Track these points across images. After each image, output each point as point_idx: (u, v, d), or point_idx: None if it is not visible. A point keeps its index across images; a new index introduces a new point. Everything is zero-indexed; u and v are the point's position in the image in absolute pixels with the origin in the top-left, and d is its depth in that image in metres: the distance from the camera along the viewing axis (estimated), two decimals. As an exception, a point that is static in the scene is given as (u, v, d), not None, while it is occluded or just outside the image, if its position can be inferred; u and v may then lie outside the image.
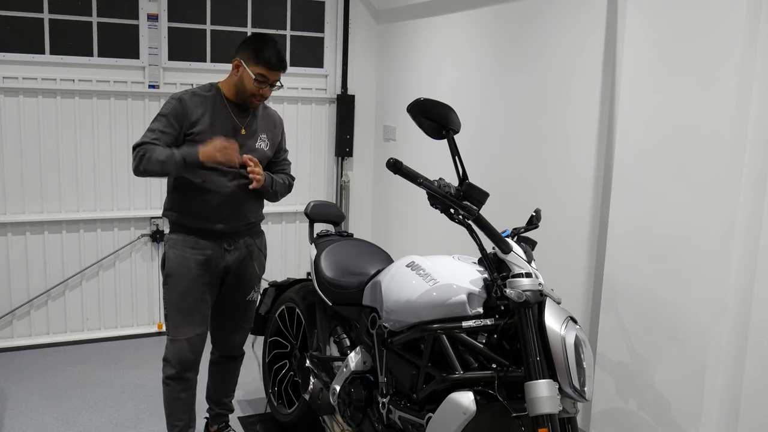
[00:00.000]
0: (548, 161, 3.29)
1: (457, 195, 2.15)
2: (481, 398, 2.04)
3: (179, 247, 2.81)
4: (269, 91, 2.83)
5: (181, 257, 2.80)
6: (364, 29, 4.95)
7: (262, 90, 2.79)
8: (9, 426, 3.37)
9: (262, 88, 2.78)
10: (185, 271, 2.80)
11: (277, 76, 2.80)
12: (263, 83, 2.77)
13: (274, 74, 2.78)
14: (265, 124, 2.94)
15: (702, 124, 2.38)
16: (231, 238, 2.88)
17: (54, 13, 4.17)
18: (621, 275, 2.72)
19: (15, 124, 4.17)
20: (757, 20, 2.24)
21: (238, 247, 2.91)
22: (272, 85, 2.81)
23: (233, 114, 2.83)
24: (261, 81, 2.76)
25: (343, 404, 2.68)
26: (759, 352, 2.32)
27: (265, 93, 2.81)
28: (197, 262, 2.81)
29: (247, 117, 2.88)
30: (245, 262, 2.96)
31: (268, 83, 2.78)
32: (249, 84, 2.77)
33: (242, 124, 2.85)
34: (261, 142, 2.90)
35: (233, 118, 2.83)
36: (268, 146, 2.94)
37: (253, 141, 2.87)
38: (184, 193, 2.80)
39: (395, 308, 2.36)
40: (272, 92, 2.86)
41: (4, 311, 4.29)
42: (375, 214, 5.14)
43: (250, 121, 2.88)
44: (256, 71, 2.75)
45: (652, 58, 2.55)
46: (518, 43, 3.48)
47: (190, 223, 2.81)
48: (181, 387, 2.88)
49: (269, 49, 2.75)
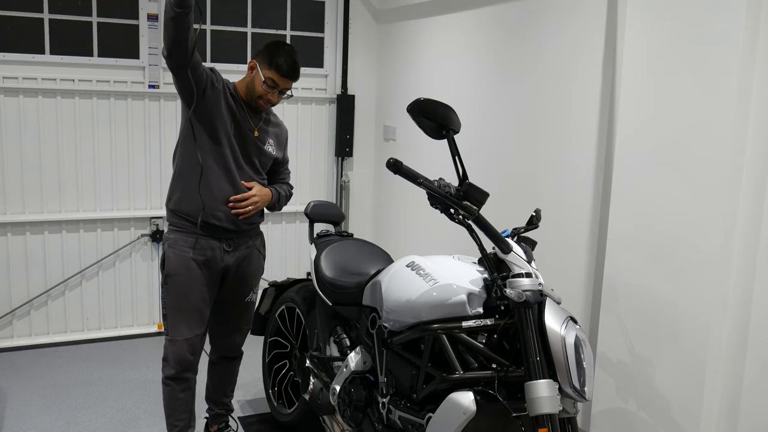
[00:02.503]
0: (548, 161, 3.29)
1: (457, 195, 2.15)
2: (481, 398, 2.04)
3: (179, 247, 2.81)
4: (277, 98, 2.84)
5: (181, 257, 2.80)
6: (364, 29, 4.96)
7: (270, 94, 2.80)
8: (9, 426, 3.37)
9: (271, 92, 2.80)
10: (185, 272, 2.80)
11: (288, 84, 2.82)
12: (272, 88, 2.79)
13: (284, 81, 2.80)
14: (273, 134, 2.98)
15: (702, 124, 2.38)
16: (231, 239, 2.88)
17: (54, 13, 4.17)
18: (621, 275, 2.72)
19: (15, 124, 4.17)
20: (757, 20, 2.24)
21: (237, 247, 2.92)
22: (282, 92, 2.84)
23: (248, 114, 2.86)
24: (270, 86, 2.78)
25: (343, 404, 2.68)
26: (759, 352, 2.32)
27: (273, 98, 2.83)
28: (197, 262, 2.81)
29: (260, 121, 2.92)
30: (245, 263, 2.97)
31: (277, 89, 2.80)
32: (259, 86, 2.79)
33: (255, 126, 2.88)
34: (269, 146, 2.95)
35: (246, 116, 2.86)
36: (274, 152, 2.98)
37: (262, 143, 2.91)
38: (190, 178, 2.77)
39: (395, 308, 2.36)
40: (281, 100, 2.88)
41: (4, 311, 4.29)
42: (375, 214, 5.14)
43: (263, 127, 2.92)
44: (267, 75, 2.77)
45: (652, 58, 2.56)
46: (518, 43, 3.48)
47: (191, 210, 2.78)
48: (180, 387, 2.89)
49: (284, 57, 2.78)
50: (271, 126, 2.98)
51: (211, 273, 2.86)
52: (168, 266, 2.82)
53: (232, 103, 2.81)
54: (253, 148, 2.87)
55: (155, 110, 4.47)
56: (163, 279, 2.86)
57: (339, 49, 4.91)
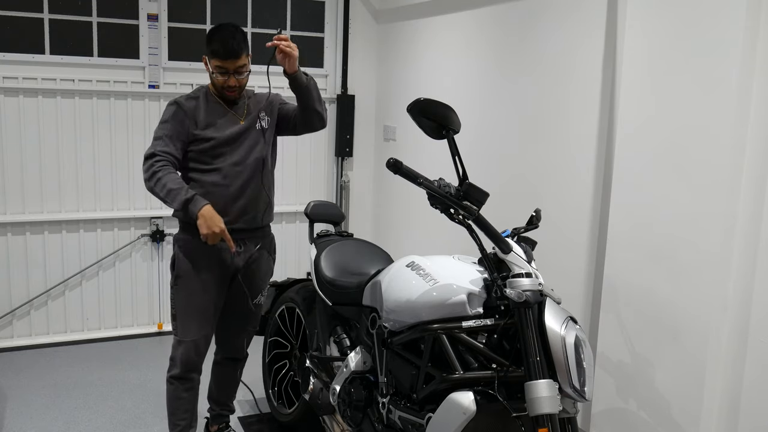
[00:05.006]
0: (548, 161, 3.29)
1: (457, 195, 2.15)
2: (481, 398, 2.04)
3: (189, 248, 2.81)
4: (236, 81, 2.75)
5: (192, 259, 2.81)
6: (364, 29, 4.96)
7: (229, 84, 2.74)
8: (9, 426, 3.37)
9: (228, 81, 2.73)
10: (195, 273, 2.81)
11: (234, 64, 2.71)
12: (224, 74, 2.72)
13: (229, 63, 2.70)
14: (258, 104, 2.91)
15: (702, 124, 2.38)
16: (241, 241, 2.88)
17: (54, 13, 4.17)
18: (621, 275, 2.72)
19: (15, 124, 4.17)
20: (757, 20, 2.24)
21: (248, 250, 2.91)
22: (237, 73, 2.74)
23: (227, 107, 2.83)
24: (221, 73, 2.72)
25: (343, 404, 2.68)
26: (759, 352, 2.32)
27: (232, 83, 2.74)
28: (207, 263, 2.82)
29: (243, 109, 2.86)
30: (254, 265, 2.96)
31: (228, 73, 2.72)
32: (215, 79, 2.75)
33: (240, 117, 2.84)
34: (261, 121, 2.88)
35: (229, 111, 2.83)
36: (269, 122, 2.91)
37: (254, 127, 2.86)
38: (198, 188, 2.78)
39: (395, 308, 2.36)
40: (244, 80, 2.78)
41: (4, 311, 4.29)
42: (375, 214, 5.14)
43: (247, 113, 2.86)
44: (214, 65, 2.72)
45: (652, 58, 2.55)
46: (518, 43, 3.48)
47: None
48: (184, 387, 2.89)
49: (215, 40, 2.70)
50: (252, 104, 2.89)
51: (220, 274, 2.86)
52: (178, 267, 2.83)
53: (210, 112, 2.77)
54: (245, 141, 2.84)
55: (155, 110, 4.47)
56: (173, 280, 2.86)
57: (339, 49, 4.91)
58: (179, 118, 2.75)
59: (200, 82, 4.34)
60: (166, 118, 2.77)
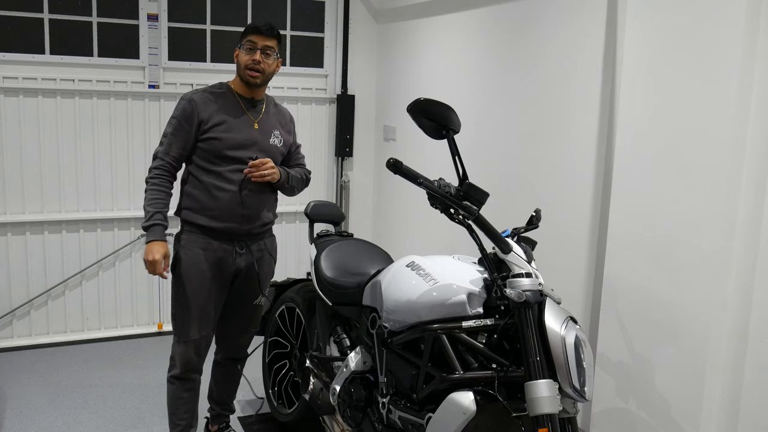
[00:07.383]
0: (548, 161, 3.29)
1: (457, 195, 2.15)
2: (481, 398, 2.04)
3: (191, 248, 2.81)
4: (263, 60, 2.76)
5: (193, 259, 2.80)
6: (364, 29, 4.96)
7: (254, 58, 2.75)
8: (9, 426, 3.37)
9: (254, 56, 2.75)
10: (196, 273, 2.80)
11: (266, 42, 2.76)
12: (253, 50, 2.75)
13: (261, 39, 2.75)
14: (277, 120, 2.94)
15: (702, 124, 2.38)
16: (243, 241, 2.88)
17: (54, 13, 4.17)
18: (621, 275, 2.72)
19: (15, 124, 4.17)
20: (757, 20, 2.24)
21: (250, 250, 2.91)
22: (264, 52, 2.76)
23: (245, 110, 2.84)
24: (250, 48, 2.76)
25: (343, 404, 2.68)
26: (759, 352, 2.32)
27: (258, 59, 2.75)
28: (209, 264, 2.81)
29: (260, 113, 2.88)
30: (255, 266, 2.96)
31: (257, 48, 2.75)
32: (243, 59, 2.77)
33: (255, 119, 2.85)
34: (274, 138, 2.89)
35: (246, 114, 2.84)
36: (282, 142, 2.93)
37: (267, 137, 2.87)
38: (198, 191, 2.80)
39: (395, 308, 2.36)
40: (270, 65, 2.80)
41: (4, 311, 4.29)
42: (375, 214, 5.14)
43: (263, 119, 2.88)
44: (245, 41, 2.77)
45: (652, 58, 2.55)
46: (518, 43, 3.48)
47: (204, 222, 2.80)
48: (185, 387, 2.90)
49: (253, 23, 2.80)
50: (272, 116, 2.93)
51: (222, 275, 2.86)
52: (180, 266, 2.83)
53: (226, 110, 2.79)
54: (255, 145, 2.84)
55: (155, 110, 4.47)
56: (175, 279, 2.86)
57: (339, 49, 4.91)
58: (186, 116, 2.77)
59: (200, 82, 4.34)
60: (175, 114, 2.80)
